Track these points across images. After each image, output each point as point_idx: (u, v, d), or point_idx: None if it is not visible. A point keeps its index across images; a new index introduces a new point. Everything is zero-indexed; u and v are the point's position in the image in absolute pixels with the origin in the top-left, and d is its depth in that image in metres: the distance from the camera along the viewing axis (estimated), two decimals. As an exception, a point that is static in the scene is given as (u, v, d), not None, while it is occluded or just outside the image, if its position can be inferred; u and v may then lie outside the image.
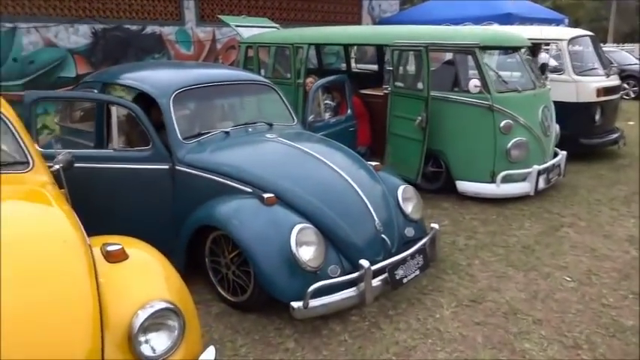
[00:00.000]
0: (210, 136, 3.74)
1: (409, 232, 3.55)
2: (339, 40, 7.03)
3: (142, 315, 2.02)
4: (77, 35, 7.82)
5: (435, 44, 5.17)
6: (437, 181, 5.60)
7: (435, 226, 3.56)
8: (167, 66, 4.69)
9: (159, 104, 3.62)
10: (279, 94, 4.41)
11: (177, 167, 3.52)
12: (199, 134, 3.72)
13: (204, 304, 3.33)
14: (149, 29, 8.56)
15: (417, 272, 3.30)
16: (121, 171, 3.51)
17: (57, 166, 2.89)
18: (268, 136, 3.80)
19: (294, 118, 4.43)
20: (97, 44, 8.00)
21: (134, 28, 8.39)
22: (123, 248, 2.26)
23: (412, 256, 3.29)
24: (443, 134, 5.28)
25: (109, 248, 2.23)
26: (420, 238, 3.51)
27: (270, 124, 4.14)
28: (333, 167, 3.44)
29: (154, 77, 3.98)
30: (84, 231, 2.40)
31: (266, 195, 3.11)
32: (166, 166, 3.52)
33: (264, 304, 3.14)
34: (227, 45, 9.51)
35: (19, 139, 2.74)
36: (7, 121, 2.74)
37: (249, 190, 3.27)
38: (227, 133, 3.82)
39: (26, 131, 2.83)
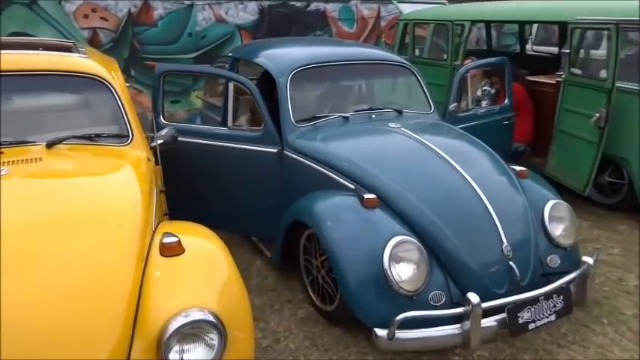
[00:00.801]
0: (326, 120, 3.40)
1: (553, 261, 2.76)
2: (507, 17, 6.03)
3: (174, 324, 1.78)
4: (245, 12, 8.11)
5: (631, 22, 4.01)
6: (615, 194, 4.46)
7: (588, 260, 2.70)
8: (300, 43, 4.43)
9: (276, 82, 3.38)
10: (417, 77, 3.84)
11: (286, 152, 3.25)
12: (315, 117, 3.39)
13: (294, 304, 3.05)
14: (313, 6, 8.50)
15: (552, 317, 2.53)
16: (231, 150, 3.38)
17: (159, 141, 2.83)
18: (391, 125, 3.30)
19: (432, 105, 3.83)
20: (263, 20, 8.20)
21: (299, 4, 8.40)
22: (179, 241, 2.04)
23: (548, 295, 2.53)
24: (628, 137, 4.12)
25: (165, 240, 2.02)
26: (567, 272, 2.71)
27: (400, 112, 3.62)
28: (458, 169, 2.82)
29: (279, 54, 3.74)
30: (153, 216, 2.27)
31: (367, 195, 2.65)
32: (275, 150, 3.28)
33: (352, 320, 2.73)
34: (391, 23, 9.02)
35: (123, 112, 2.72)
36: (116, 95, 2.74)
37: (352, 186, 2.85)
38: (346, 118, 3.43)
39: (132, 104, 2.81)
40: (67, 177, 2.35)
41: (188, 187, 3.54)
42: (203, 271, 2.06)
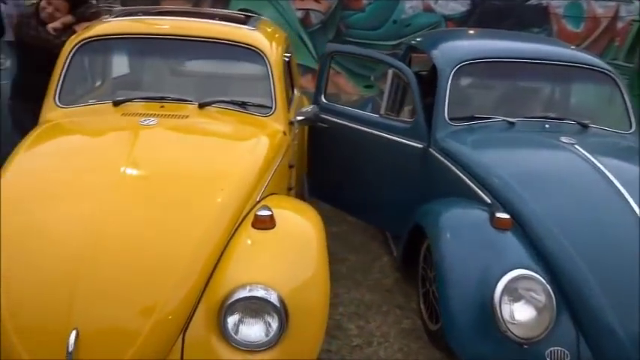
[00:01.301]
0: (486, 122, 3.01)
1: None
2: None
3: (236, 294, 1.78)
4: (456, 2, 7.71)
5: None
6: None
7: None
8: (480, 35, 3.95)
9: (439, 73, 3.11)
10: (619, 85, 3.13)
11: (431, 149, 2.99)
12: (473, 118, 3.03)
13: (403, 311, 2.83)
14: (534, 0, 7.64)
15: None
16: (377, 139, 3.25)
17: (299, 117, 2.86)
18: (563, 140, 2.75)
19: (633, 124, 3.09)
20: (473, 13, 7.69)
21: (518, -2, 7.65)
22: (271, 216, 2.03)
23: None
24: None
25: (259, 212, 2.03)
26: None
27: (585, 126, 3.01)
28: (635, 211, 2.22)
29: (452, 45, 3.42)
30: (264, 188, 2.29)
31: (499, 214, 2.27)
32: (420, 145, 3.03)
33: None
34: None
35: (272, 85, 2.80)
36: (270, 68, 2.83)
37: (488, 200, 2.47)
38: (511, 124, 2.98)
39: (283, 78, 2.87)
40: (200, 135, 2.53)
41: (332, 168, 3.55)
42: (287, 250, 2.02)
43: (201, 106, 2.68)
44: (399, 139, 3.15)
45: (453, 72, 3.04)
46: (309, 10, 7.57)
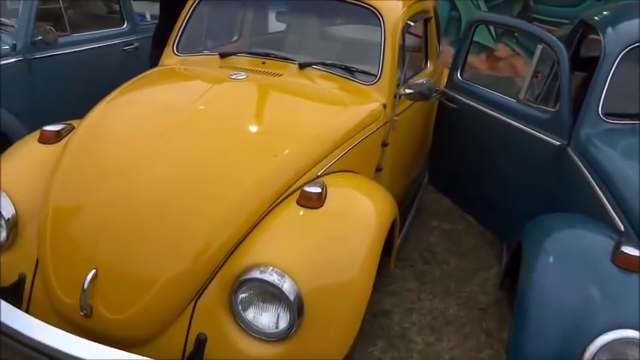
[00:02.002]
0: (656, 125, 2.24)
1: None
2: None
3: (247, 273, 1.60)
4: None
5: None
6: None
7: None
8: None
9: (602, 54, 2.40)
10: None
11: (569, 149, 2.34)
12: (636, 116, 2.28)
13: (490, 338, 2.34)
14: None
15: None
16: (508, 128, 2.68)
17: (406, 91, 2.48)
18: None
19: None
20: None
21: None
22: (320, 194, 1.78)
23: None
24: None
25: (307, 188, 1.79)
26: None
27: None
28: None
29: (630, 21, 2.60)
30: (330, 162, 2.02)
31: (628, 249, 1.64)
32: (558, 143, 2.40)
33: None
34: None
35: (382, 52, 2.48)
36: (384, 35, 2.50)
37: (621, 227, 1.83)
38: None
39: (396, 48, 2.50)
40: (281, 93, 2.34)
41: (453, 156, 3.10)
42: (327, 236, 1.74)
43: (301, 66, 2.50)
44: (532, 132, 2.54)
45: (620, 54, 2.32)
46: (493, -20, 6.77)
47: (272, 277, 1.57)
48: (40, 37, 3.31)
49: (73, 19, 3.64)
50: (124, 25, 4.01)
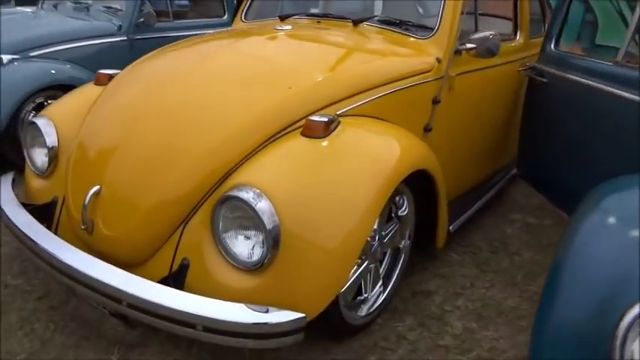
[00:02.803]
0: None
1: None
2: None
3: (231, 191, 1.48)
4: None
5: None
6: None
7: None
8: None
9: None
10: None
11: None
12: None
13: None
14: None
15: None
16: (604, 97, 2.21)
17: (468, 45, 2.20)
18: None
19: None
20: None
21: None
22: (327, 124, 1.62)
23: None
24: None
25: (313, 117, 1.64)
26: None
27: None
28: None
29: None
30: (354, 103, 1.85)
31: None
32: (657, 103, 1.91)
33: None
34: None
35: (442, 5, 2.24)
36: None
37: None
38: None
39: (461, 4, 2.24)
40: (317, 43, 2.23)
41: (544, 141, 2.66)
42: (321, 170, 1.58)
43: (355, 23, 2.37)
44: (630, 96, 2.07)
45: None
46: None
47: (247, 194, 1.44)
48: (142, 20, 3.65)
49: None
50: (225, 17, 4.26)
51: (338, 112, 1.78)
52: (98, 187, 1.68)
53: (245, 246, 1.49)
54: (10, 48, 3.30)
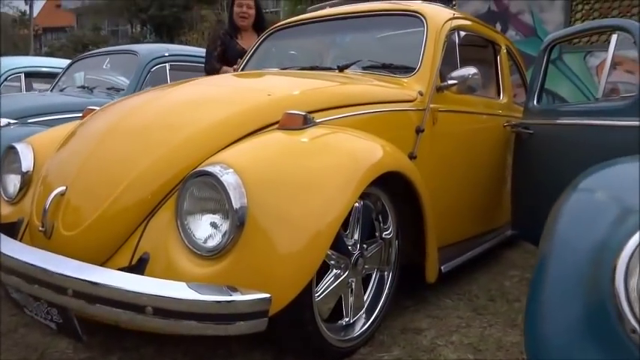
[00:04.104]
0: None
1: None
2: None
3: (196, 169, 1.41)
4: None
5: None
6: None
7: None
8: None
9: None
10: None
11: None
12: None
13: None
14: None
15: None
16: (591, 131, 2.21)
17: (450, 82, 2.25)
18: None
19: None
20: None
21: None
22: (304, 117, 1.59)
23: None
24: None
25: (290, 111, 1.62)
26: None
27: None
28: None
29: None
30: (328, 113, 1.84)
31: None
32: (638, 124, 1.89)
33: None
34: None
35: (423, 48, 2.35)
36: (426, 29, 2.40)
37: None
38: None
39: (440, 50, 2.34)
40: (304, 78, 2.29)
41: (537, 192, 2.60)
42: (294, 155, 1.52)
43: (340, 69, 2.46)
44: (611, 123, 2.07)
45: None
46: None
47: (214, 168, 1.36)
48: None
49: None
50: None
51: (317, 121, 1.76)
52: (62, 188, 1.60)
53: (208, 230, 1.37)
54: (10, 115, 3.41)
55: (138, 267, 1.42)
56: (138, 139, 1.66)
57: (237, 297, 1.22)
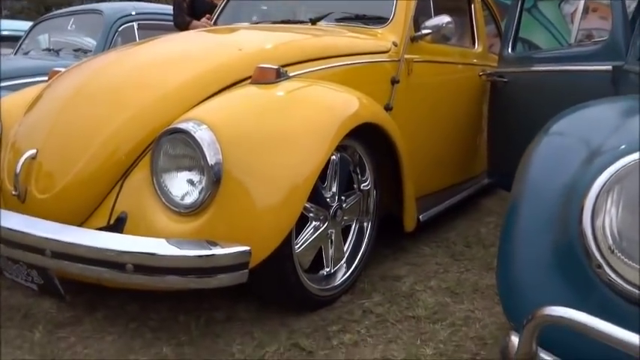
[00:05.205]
0: None
1: None
2: None
3: (169, 127, 1.39)
4: None
5: None
6: None
7: None
8: None
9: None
10: None
11: (627, 67, 1.85)
12: None
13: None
14: None
15: None
16: (559, 78, 2.24)
17: (423, 31, 2.23)
18: None
19: None
20: None
21: None
22: (277, 70, 1.57)
23: None
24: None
25: (262, 65, 1.59)
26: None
27: None
28: None
29: None
30: (301, 67, 1.81)
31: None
32: (609, 67, 1.92)
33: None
34: None
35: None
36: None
37: None
38: None
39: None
40: (275, 31, 2.24)
41: (510, 139, 2.64)
42: (267, 109, 1.51)
43: (313, 22, 2.41)
44: (582, 67, 2.09)
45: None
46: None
47: (187, 124, 1.35)
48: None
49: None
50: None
51: (291, 74, 1.74)
52: (33, 151, 1.57)
53: (184, 186, 1.37)
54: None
55: (116, 226, 1.41)
56: (107, 100, 1.63)
57: (217, 250, 1.24)
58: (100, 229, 1.40)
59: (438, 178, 2.62)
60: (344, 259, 1.82)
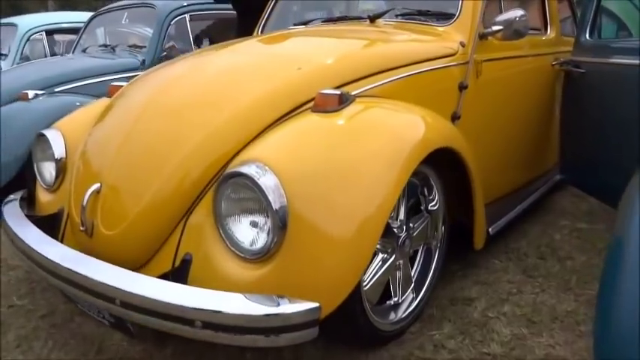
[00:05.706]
0: None
1: None
2: None
3: (230, 170, 1.33)
4: None
5: None
6: None
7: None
8: None
9: None
10: None
11: None
12: None
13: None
14: None
15: None
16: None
17: (494, 27, 2.04)
18: None
19: None
20: None
21: None
22: (339, 97, 1.47)
23: None
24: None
25: (324, 91, 1.50)
26: None
27: None
28: None
29: None
30: (368, 85, 1.70)
31: None
32: None
33: None
34: None
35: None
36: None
37: None
38: None
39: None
40: (331, 36, 2.12)
41: (586, 137, 2.43)
42: (332, 142, 1.40)
43: (372, 20, 2.26)
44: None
45: None
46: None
47: (249, 168, 1.28)
48: (165, 54, 3.69)
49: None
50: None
51: (353, 93, 1.63)
52: (98, 185, 1.56)
53: (249, 232, 1.31)
54: (36, 85, 3.36)
55: (181, 270, 1.39)
56: (174, 121, 1.57)
57: (285, 308, 1.18)
58: (166, 273, 1.38)
59: (509, 180, 2.46)
60: (411, 287, 1.73)
